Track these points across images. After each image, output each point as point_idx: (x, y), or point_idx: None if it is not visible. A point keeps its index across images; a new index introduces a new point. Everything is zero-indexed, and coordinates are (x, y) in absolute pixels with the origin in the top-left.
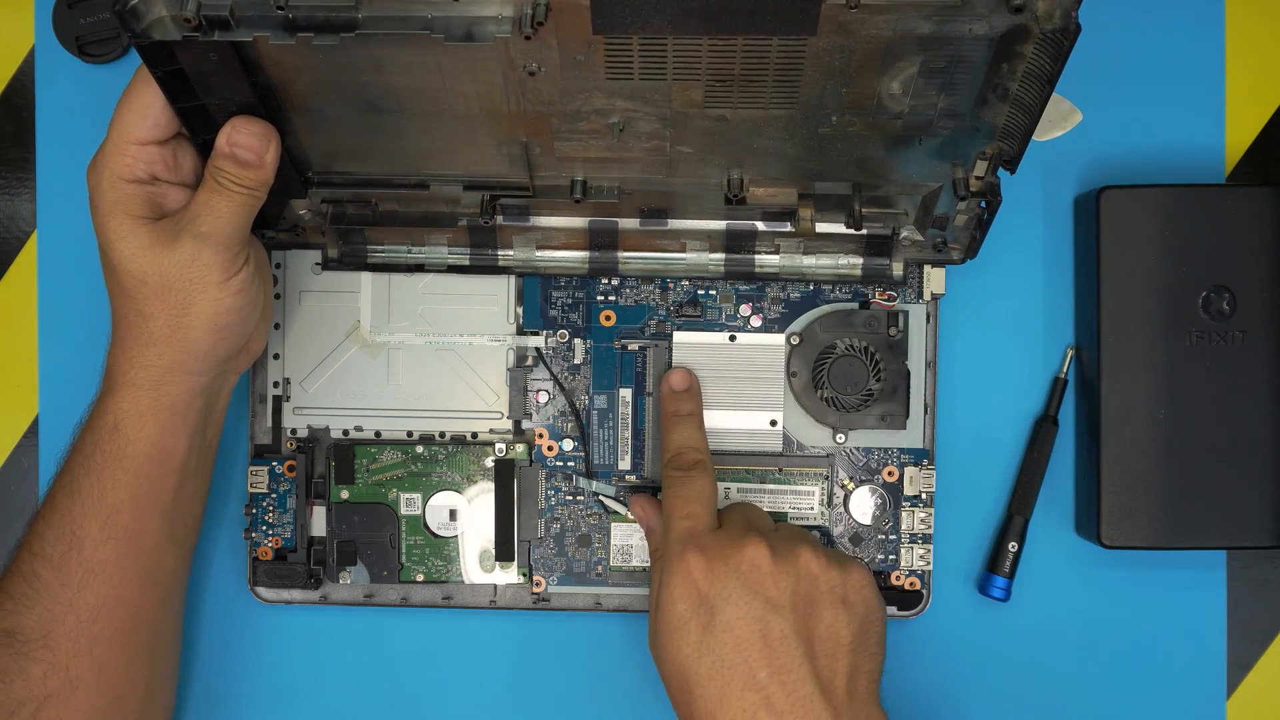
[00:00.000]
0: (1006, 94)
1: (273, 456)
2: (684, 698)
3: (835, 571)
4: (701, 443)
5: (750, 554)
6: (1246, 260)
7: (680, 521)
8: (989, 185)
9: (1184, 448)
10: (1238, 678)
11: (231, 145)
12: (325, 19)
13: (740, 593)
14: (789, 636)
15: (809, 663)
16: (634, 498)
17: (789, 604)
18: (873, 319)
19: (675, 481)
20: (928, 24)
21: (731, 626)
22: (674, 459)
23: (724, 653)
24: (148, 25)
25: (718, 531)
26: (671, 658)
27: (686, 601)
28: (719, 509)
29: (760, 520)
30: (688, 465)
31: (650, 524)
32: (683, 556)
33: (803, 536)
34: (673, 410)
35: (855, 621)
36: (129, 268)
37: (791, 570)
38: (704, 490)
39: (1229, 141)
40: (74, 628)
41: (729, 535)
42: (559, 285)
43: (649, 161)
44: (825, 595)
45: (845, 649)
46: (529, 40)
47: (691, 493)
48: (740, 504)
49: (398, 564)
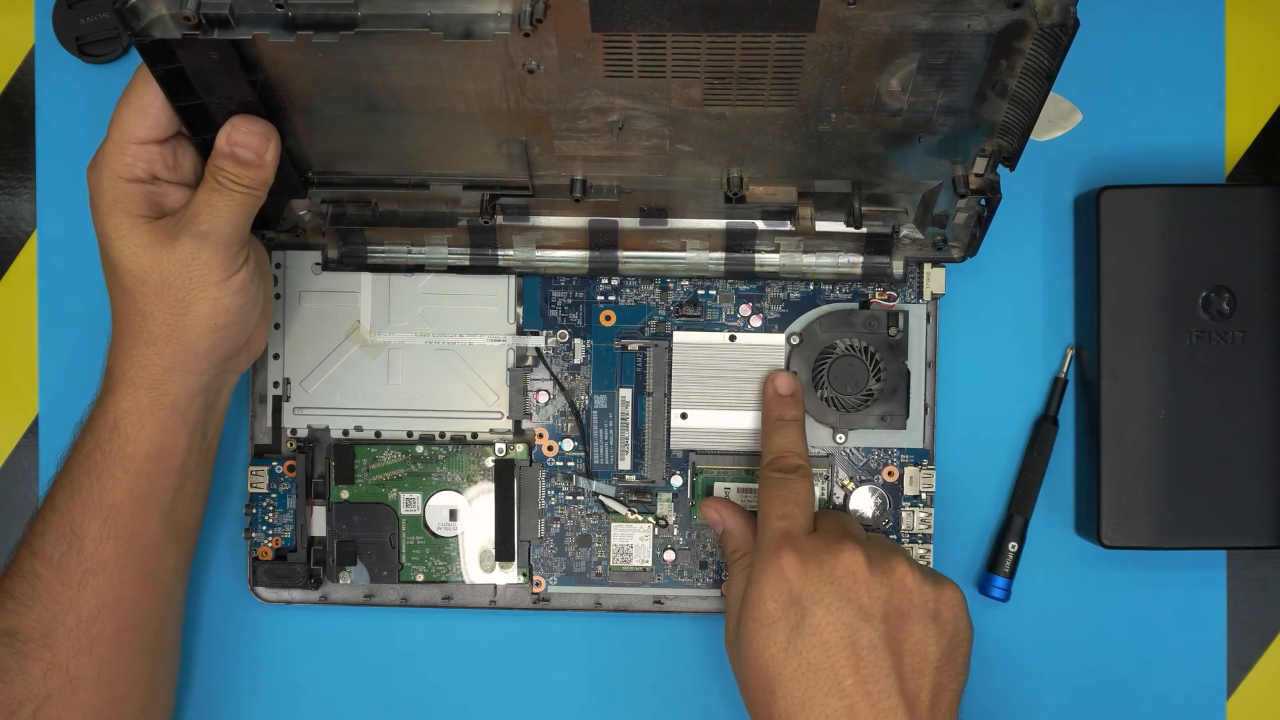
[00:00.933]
0: (1005, 90)
1: (273, 456)
2: (764, 696)
3: (929, 587)
4: (803, 448)
5: (846, 560)
6: (1246, 260)
7: (777, 521)
8: (989, 182)
9: (1184, 448)
10: (1238, 678)
11: (231, 144)
12: (325, 17)
13: (833, 598)
14: (878, 647)
15: (896, 676)
16: (706, 500)
17: (881, 614)
18: (873, 319)
19: (775, 483)
20: (926, 20)
21: (821, 631)
22: (775, 461)
23: (811, 656)
24: (148, 24)
25: (813, 535)
26: (756, 655)
27: (777, 600)
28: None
29: (855, 529)
30: (788, 469)
31: (728, 525)
32: (777, 555)
33: (897, 549)
34: (776, 415)
35: (945, 639)
36: (129, 267)
37: (886, 581)
38: (803, 494)
39: (1229, 141)
40: (74, 627)
41: (825, 540)
42: (559, 285)
43: (648, 160)
44: (917, 610)
45: (932, 665)
46: (528, 38)
47: (790, 494)
48: (836, 512)
49: (398, 564)
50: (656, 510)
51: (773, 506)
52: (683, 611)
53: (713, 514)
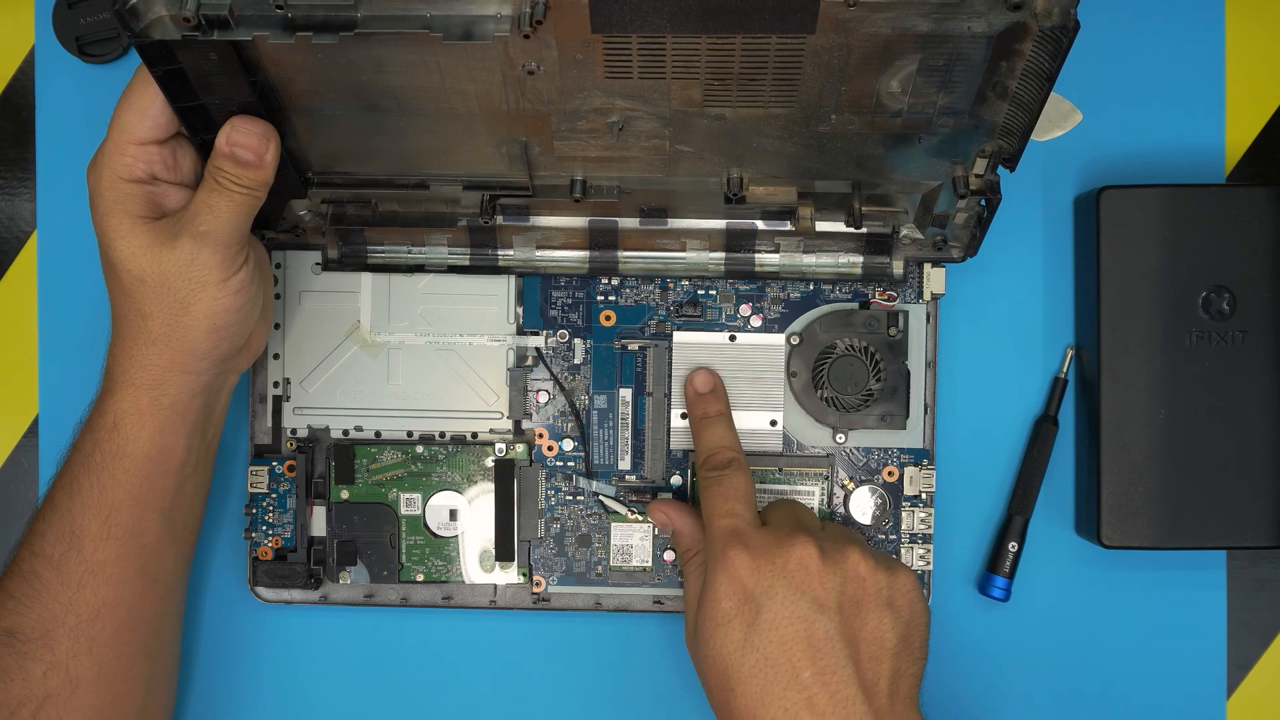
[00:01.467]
0: (1006, 92)
1: (273, 456)
2: (724, 695)
3: (883, 574)
4: (733, 441)
5: (798, 553)
6: (1246, 260)
7: (721, 520)
8: (989, 183)
9: (1184, 448)
10: (1238, 678)
11: (231, 145)
12: (324, 18)
13: (786, 592)
14: (834, 638)
15: (853, 665)
16: (653, 504)
17: (835, 605)
18: (873, 319)
19: (712, 481)
20: (926, 22)
21: (776, 625)
22: (707, 460)
23: (768, 651)
24: (147, 25)
25: (763, 529)
26: (714, 654)
27: (731, 599)
28: (765, 506)
29: (807, 518)
30: (722, 464)
31: (676, 526)
32: (726, 554)
33: (850, 537)
34: (700, 413)
35: (900, 625)
36: (128, 267)
37: (839, 571)
38: (741, 487)
39: (1229, 141)
40: (74, 627)
41: (776, 534)
42: (559, 285)
43: (648, 160)
44: (872, 598)
45: (889, 653)
46: (528, 39)
47: (729, 490)
48: (786, 501)
49: (398, 564)
50: None
51: (715, 505)
52: (682, 611)
53: (660, 516)
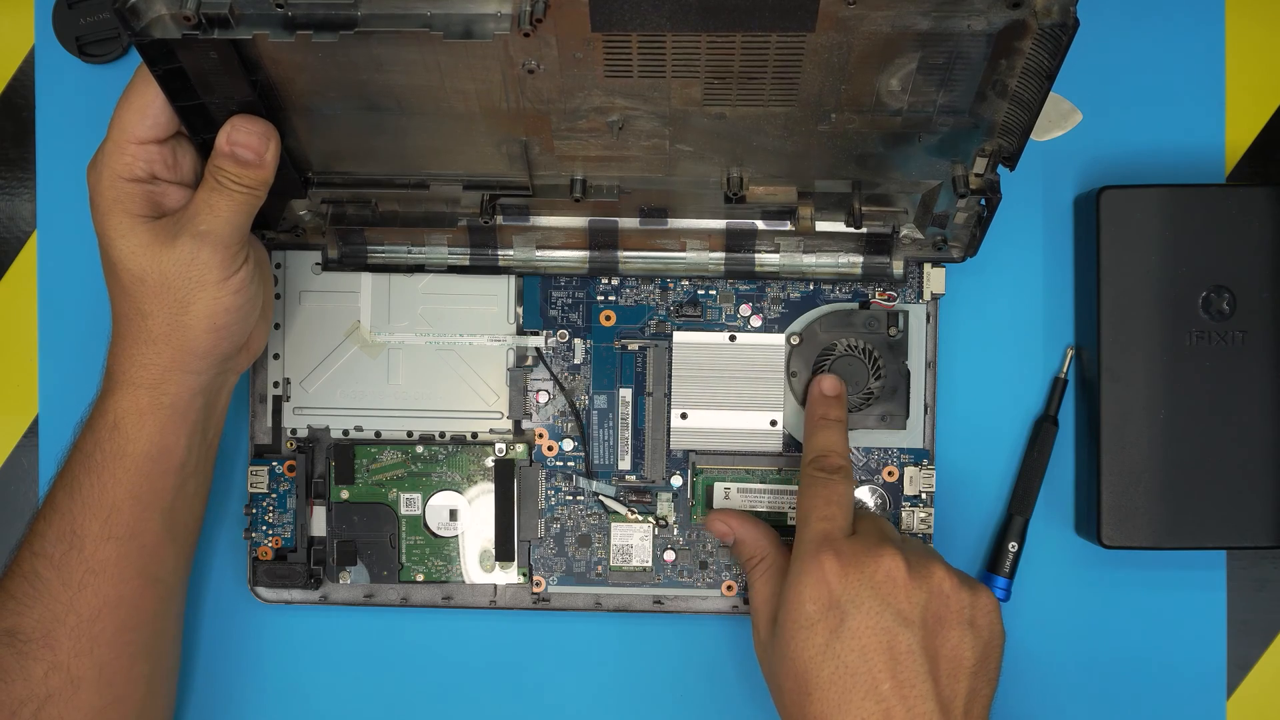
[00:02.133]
0: (1005, 90)
1: (273, 456)
2: (799, 699)
3: (965, 593)
4: (846, 449)
5: (886, 565)
6: (1246, 260)
7: (818, 523)
8: (988, 182)
9: (1184, 448)
10: (1238, 678)
11: (231, 144)
12: (325, 17)
13: (872, 602)
14: (916, 652)
15: (932, 681)
16: (712, 514)
17: (919, 620)
18: (873, 319)
19: (818, 482)
20: (926, 20)
21: (860, 634)
22: (817, 459)
23: (849, 659)
24: (147, 23)
25: (853, 538)
26: (793, 656)
27: (817, 603)
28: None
29: (892, 533)
30: (831, 468)
31: (739, 535)
32: (818, 557)
33: (933, 554)
34: (821, 414)
35: (980, 645)
36: (128, 266)
37: (924, 586)
38: (845, 495)
39: (1229, 141)
40: (75, 627)
41: (865, 543)
42: (559, 285)
43: (648, 160)
44: (954, 615)
45: (967, 671)
46: (528, 38)
47: (833, 495)
48: (873, 515)
49: (398, 564)
50: (656, 510)
51: (814, 507)
52: (683, 611)
53: (720, 526)
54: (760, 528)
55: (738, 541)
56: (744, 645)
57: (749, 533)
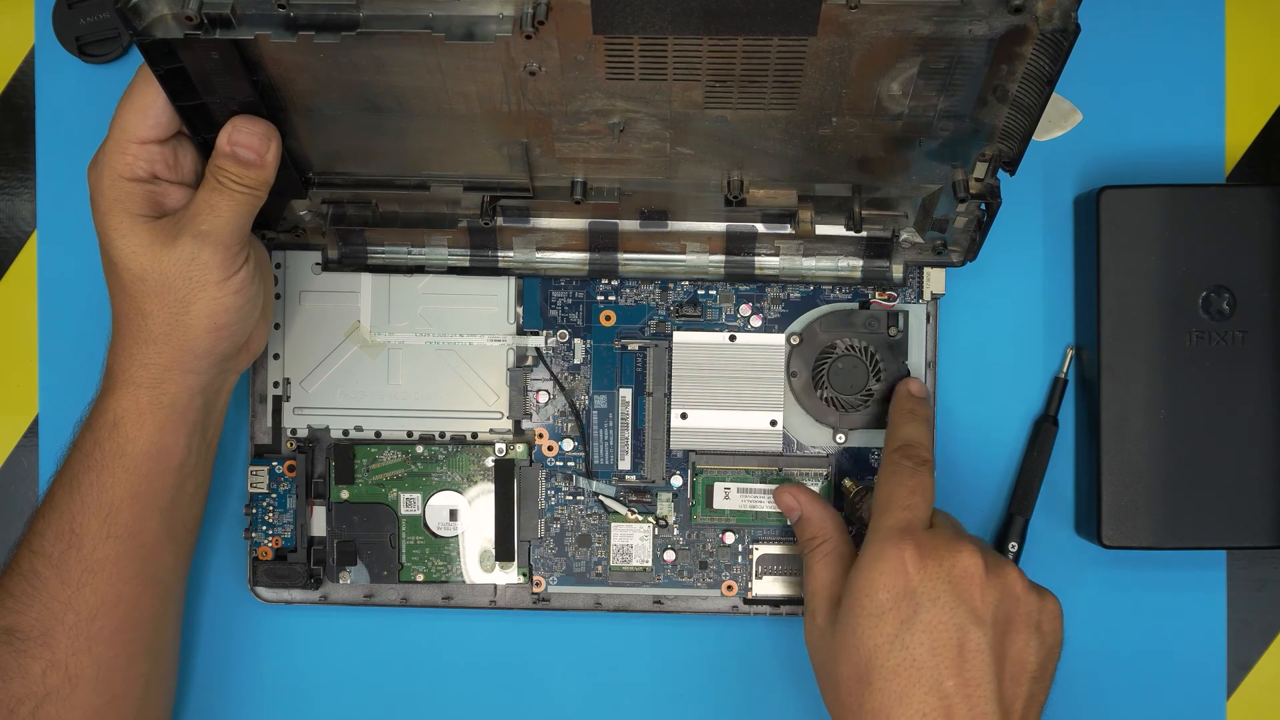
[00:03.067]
0: (1006, 95)
1: (273, 456)
2: (857, 686)
3: (1034, 597)
4: (931, 444)
5: (965, 561)
6: (1246, 260)
7: (900, 511)
8: (989, 187)
9: (1184, 448)
10: (1238, 678)
11: (232, 144)
12: (326, 17)
13: (949, 597)
14: (984, 651)
15: (996, 682)
16: (782, 486)
17: (991, 620)
18: (873, 319)
19: (904, 470)
20: (927, 25)
21: (932, 629)
22: (905, 448)
23: (917, 652)
24: (149, 23)
25: (932, 530)
26: (858, 643)
27: (891, 591)
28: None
29: (965, 532)
30: (919, 460)
31: (806, 512)
32: (899, 545)
33: (1004, 556)
34: (910, 408)
35: (1044, 650)
36: (129, 266)
37: (999, 586)
38: (929, 488)
39: (1229, 141)
40: (73, 626)
41: (944, 537)
42: (559, 285)
43: (649, 163)
44: (1023, 618)
45: (1029, 675)
46: (529, 40)
47: (919, 486)
48: (946, 513)
49: (398, 564)
50: (656, 510)
51: (897, 495)
52: (683, 611)
53: (789, 499)
54: (828, 510)
55: (803, 519)
56: (744, 645)
57: (816, 512)
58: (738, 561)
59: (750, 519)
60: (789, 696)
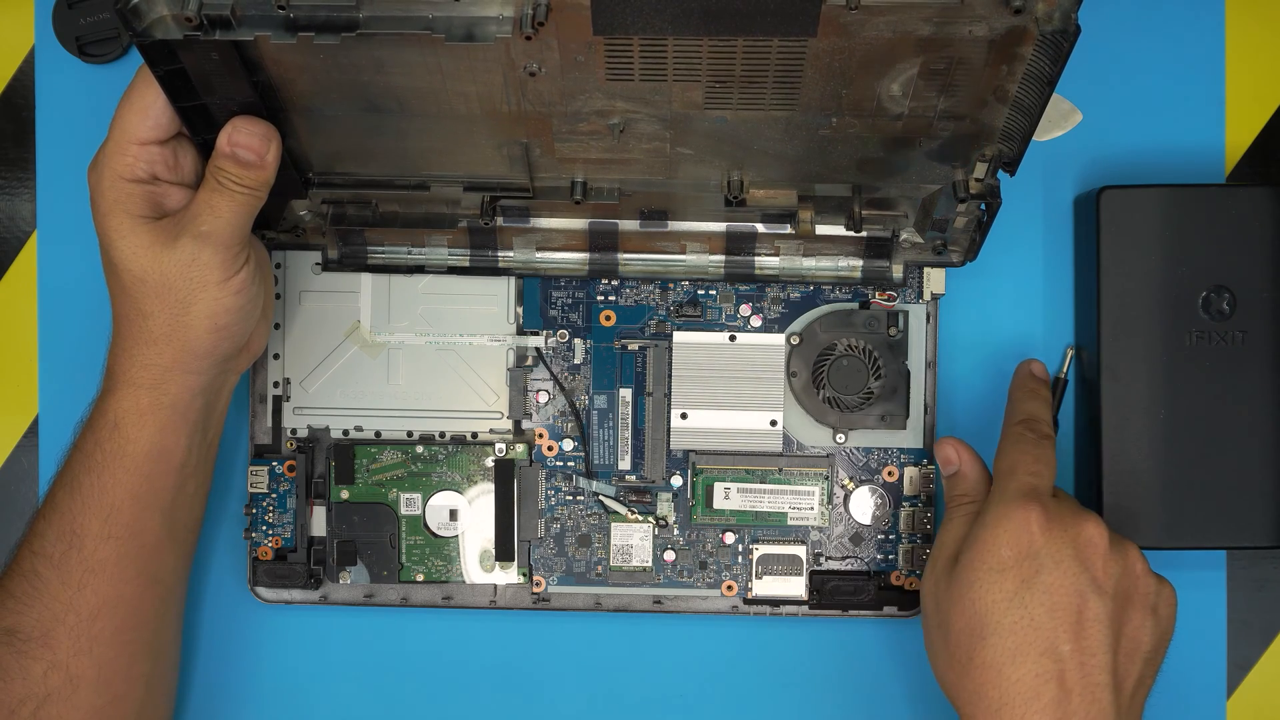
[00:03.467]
0: (1006, 96)
1: (273, 456)
2: (970, 639)
3: (1153, 579)
4: (1051, 421)
5: (1090, 531)
6: (1246, 260)
7: (1026, 476)
8: (988, 188)
9: (1184, 448)
10: (1238, 678)
11: (232, 145)
12: (326, 19)
13: (1071, 562)
14: (1103, 621)
15: (1111, 654)
16: (945, 439)
17: (1112, 592)
18: (873, 319)
19: (1028, 440)
20: (927, 25)
21: (1053, 590)
22: (1028, 421)
23: (1036, 612)
24: (149, 24)
25: (1056, 499)
26: (977, 597)
27: (1014, 549)
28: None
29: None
30: (1042, 433)
31: (964, 468)
32: (1025, 507)
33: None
34: (1032, 386)
35: (1158, 633)
36: (129, 267)
37: (1121, 561)
38: (1052, 460)
39: (1229, 141)
40: (74, 626)
41: (1070, 506)
42: (559, 285)
43: (649, 163)
44: (1141, 597)
45: (1142, 655)
46: (529, 40)
47: (1043, 456)
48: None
49: (398, 564)
50: (656, 510)
51: (1023, 462)
52: (683, 611)
53: (950, 451)
54: (985, 472)
55: (960, 474)
56: (744, 645)
57: (974, 471)
58: (738, 561)
59: (750, 519)
60: (789, 696)
